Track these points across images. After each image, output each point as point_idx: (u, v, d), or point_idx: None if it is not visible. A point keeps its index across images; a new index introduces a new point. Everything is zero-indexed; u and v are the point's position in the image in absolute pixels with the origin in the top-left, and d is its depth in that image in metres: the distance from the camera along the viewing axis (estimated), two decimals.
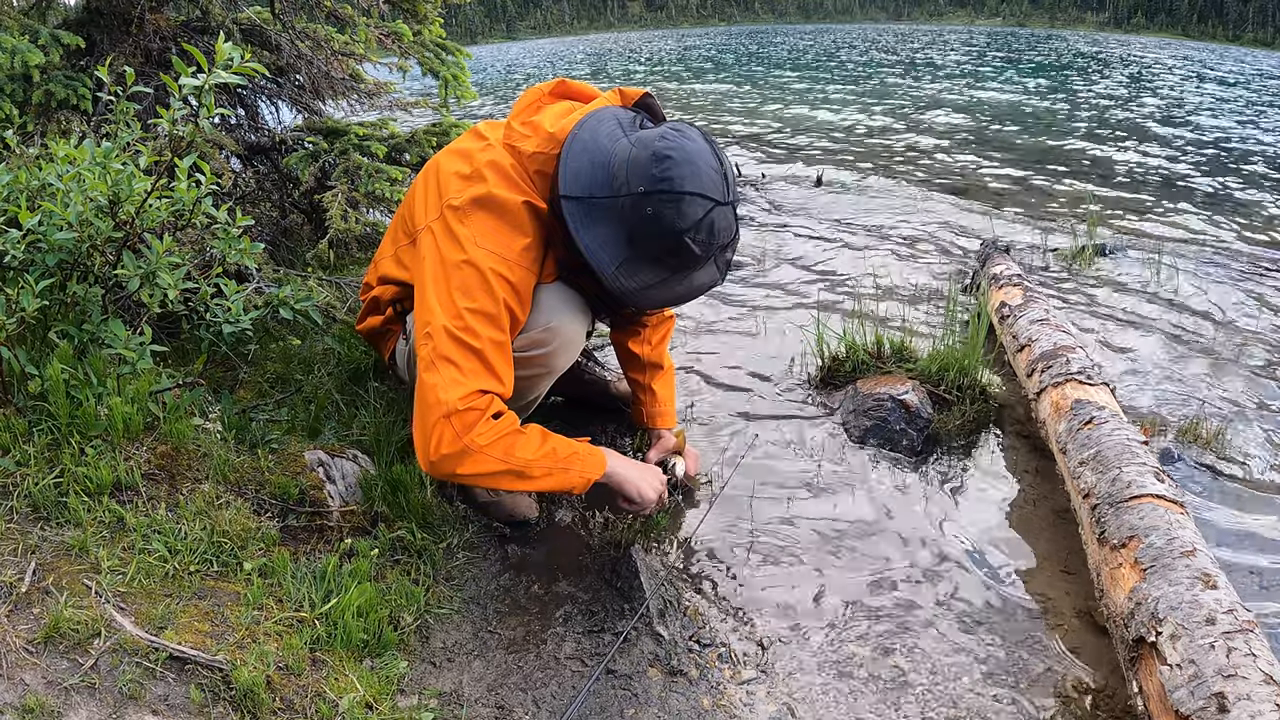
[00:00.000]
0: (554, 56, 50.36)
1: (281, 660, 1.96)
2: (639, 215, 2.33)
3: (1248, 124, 14.80)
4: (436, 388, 2.32)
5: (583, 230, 2.36)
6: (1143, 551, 2.29)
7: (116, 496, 2.22)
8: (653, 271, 2.43)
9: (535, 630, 2.46)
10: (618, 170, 2.37)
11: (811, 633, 2.53)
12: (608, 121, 2.48)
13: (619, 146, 2.42)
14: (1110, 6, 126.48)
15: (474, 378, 2.33)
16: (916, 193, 8.67)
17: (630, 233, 2.37)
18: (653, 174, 2.31)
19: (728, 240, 2.45)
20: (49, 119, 3.78)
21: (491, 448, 2.35)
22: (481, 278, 2.35)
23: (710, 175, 2.34)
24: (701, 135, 2.42)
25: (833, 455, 3.48)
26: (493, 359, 2.37)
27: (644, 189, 2.31)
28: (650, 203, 2.31)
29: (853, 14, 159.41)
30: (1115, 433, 2.87)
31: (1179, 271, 5.99)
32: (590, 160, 2.39)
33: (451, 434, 2.31)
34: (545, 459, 2.45)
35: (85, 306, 2.50)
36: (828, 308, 5.04)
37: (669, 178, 2.29)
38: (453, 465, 2.35)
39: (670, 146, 2.33)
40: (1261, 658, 1.86)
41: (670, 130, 2.40)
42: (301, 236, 4.65)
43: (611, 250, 2.38)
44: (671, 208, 2.30)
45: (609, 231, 2.37)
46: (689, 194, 2.30)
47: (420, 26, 4.76)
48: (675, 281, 2.47)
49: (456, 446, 2.31)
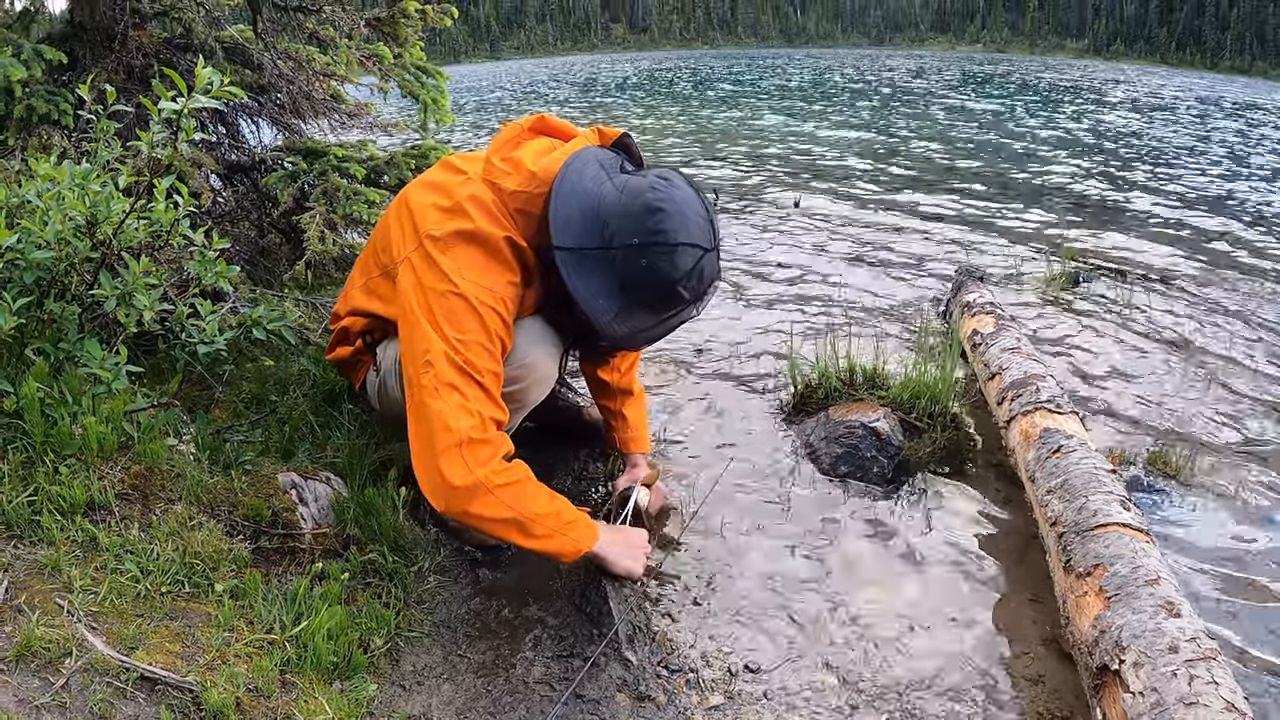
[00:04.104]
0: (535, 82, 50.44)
1: (251, 682, 1.97)
2: (633, 266, 2.37)
3: (1224, 155, 14.96)
4: (444, 414, 2.27)
5: (577, 280, 2.38)
6: (1107, 580, 2.31)
7: (90, 516, 2.22)
8: (645, 317, 2.47)
9: (505, 654, 2.46)
10: (608, 218, 2.39)
11: (779, 660, 2.54)
12: (591, 164, 2.50)
13: (605, 191, 2.45)
14: (1090, 34, 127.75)
15: (481, 405, 2.32)
16: (891, 219, 8.74)
17: (623, 282, 2.40)
18: (646, 227, 2.34)
19: (713, 284, 2.51)
20: (30, 134, 3.78)
21: (504, 490, 2.32)
22: (471, 309, 2.35)
23: (699, 224, 2.39)
24: (686, 181, 2.47)
25: (803, 482, 3.50)
26: (493, 389, 2.36)
27: (638, 241, 2.35)
28: (645, 255, 2.35)
29: (834, 39, 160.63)
30: (1082, 461, 2.90)
31: (1151, 297, 6.07)
32: (579, 207, 2.41)
33: (464, 467, 2.27)
34: (550, 518, 2.41)
35: (62, 325, 2.50)
36: (801, 334, 5.07)
37: (663, 230, 2.33)
38: (464, 502, 2.29)
39: (661, 198, 2.37)
40: (1223, 685, 1.88)
41: (659, 180, 2.43)
42: (279, 257, 4.64)
43: (606, 300, 2.41)
44: (666, 260, 2.34)
45: (602, 282, 2.40)
46: (682, 245, 2.34)
47: (401, 49, 4.78)
48: (664, 324, 2.52)
49: (469, 480, 2.27)
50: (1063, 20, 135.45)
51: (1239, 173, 12.56)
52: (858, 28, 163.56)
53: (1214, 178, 12.07)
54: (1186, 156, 14.36)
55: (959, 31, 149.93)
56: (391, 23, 4.77)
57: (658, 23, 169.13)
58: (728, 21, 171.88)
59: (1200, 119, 22.80)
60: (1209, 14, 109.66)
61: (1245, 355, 5.09)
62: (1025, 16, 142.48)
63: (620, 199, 2.42)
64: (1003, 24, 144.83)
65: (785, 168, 12.49)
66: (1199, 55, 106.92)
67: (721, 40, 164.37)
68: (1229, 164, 13.48)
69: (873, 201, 9.76)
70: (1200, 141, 16.99)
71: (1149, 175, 12.14)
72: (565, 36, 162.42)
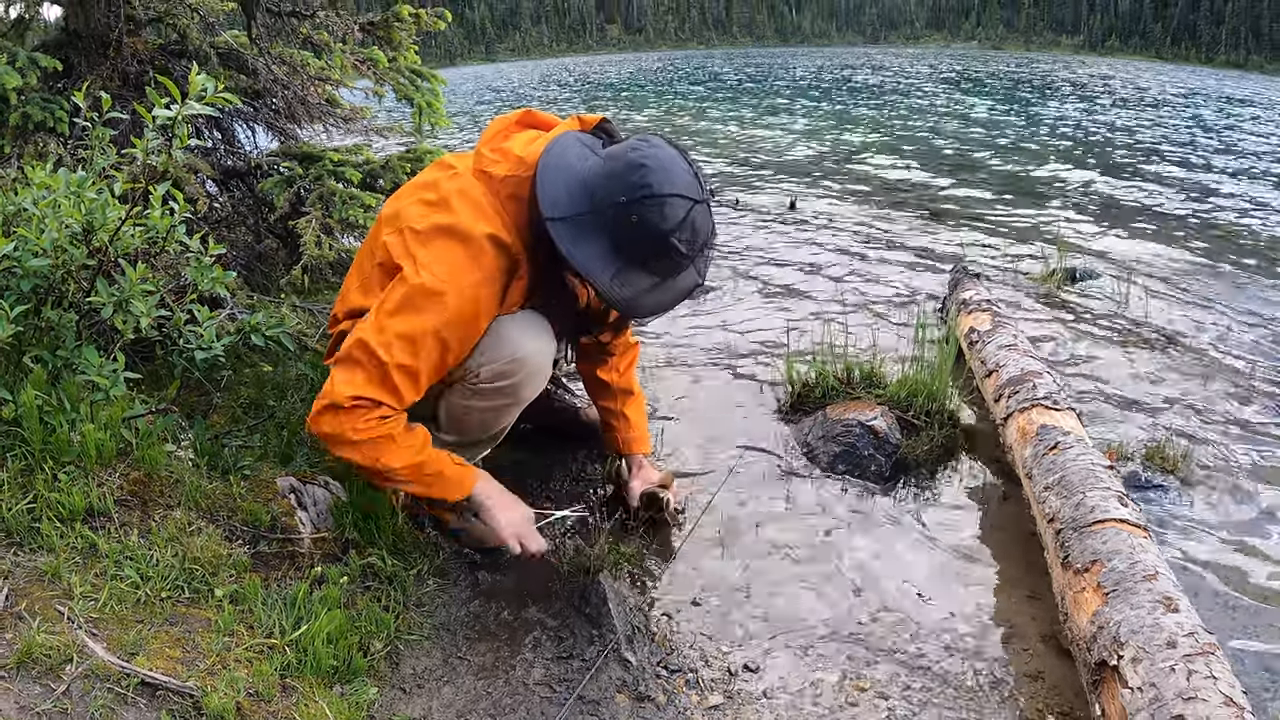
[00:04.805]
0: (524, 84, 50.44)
1: (252, 687, 1.97)
2: (624, 224, 2.37)
3: (1220, 149, 14.96)
4: (334, 380, 2.46)
5: (573, 248, 2.39)
6: (1105, 576, 2.32)
7: (89, 522, 2.22)
8: (644, 277, 2.46)
9: (505, 656, 2.47)
10: (594, 186, 2.41)
11: (778, 660, 2.55)
12: (573, 145, 2.53)
13: (589, 164, 2.47)
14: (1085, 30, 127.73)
15: (370, 389, 2.43)
16: (888, 217, 8.75)
17: (617, 242, 2.40)
18: (632, 182, 2.35)
19: (708, 237, 2.50)
20: (26, 141, 3.77)
21: (363, 445, 2.47)
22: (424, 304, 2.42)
23: (685, 177, 2.40)
24: (667, 141, 2.48)
25: (800, 481, 3.51)
26: (398, 380, 2.45)
27: (625, 198, 2.35)
28: (634, 210, 2.35)
29: (830, 38, 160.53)
30: (1080, 458, 2.91)
31: (1148, 294, 6.08)
32: (565, 181, 2.43)
33: (332, 420, 2.45)
34: (409, 471, 2.55)
35: (59, 332, 2.50)
36: (797, 333, 5.07)
37: (648, 183, 2.34)
38: (327, 444, 2.53)
39: (643, 155, 2.39)
40: (1222, 680, 1.88)
41: (639, 141, 2.47)
42: (276, 262, 4.64)
43: (604, 263, 2.41)
44: (655, 211, 2.34)
45: (598, 246, 2.41)
46: (669, 196, 2.35)
47: (395, 53, 4.77)
48: (664, 286, 2.51)
49: (333, 430, 2.46)
50: (1058, 16, 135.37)
51: (1236, 168, 12.56)
52: (853, 26, 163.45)
53: (1211, 173, 12.07)
54: (1184, 152, 14.36)
55: (954, 29, 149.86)
56: (385, 27, 4.77)
57: (653, 23, 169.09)
58: (722, 21, 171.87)
59: (1197, 114, 22.79)
60: (1204, 9, 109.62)
61: (1241, 350, 5.09)
62: (1020, 13, 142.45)
63: (604, 165, 2.45)
64: (998, 21, 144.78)
65: (784, 166, 12.50)
66: (1194, 50, 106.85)
67: (717, 40, 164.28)
68: (1226, 160, 13.49)
69: (868, 199, 9.77)
70: (1199, 137, 16.99)
71: (1146, 171, 12.15)
72: (560, 38, 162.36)
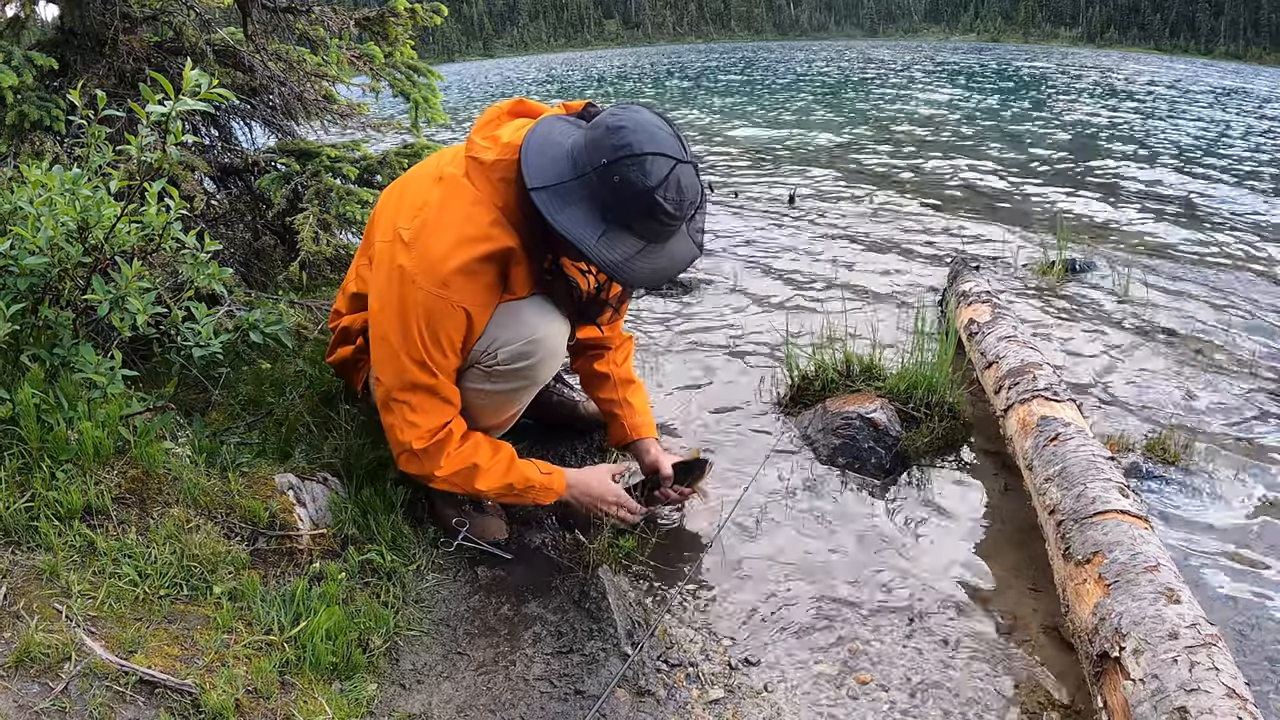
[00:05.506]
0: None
1: (251, 683, 1.97)
2: (607, 185, 2.36)
3: (1216, 139, 14.95)
4: (393, 429, 2.63)
5: (557, 214, 2.38)
6: (1106, 567, 2.31)
7: (87, 520, 2.22)
8: (632, 240, 2.43)
9: (504, 652, 2.47)
10: (577, 155, 2.41)
11: (779, 653, 2.54)
12: (557, 124, 2.54)
13: (573, 138, 2.48)
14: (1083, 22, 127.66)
15: (419, 417, 2.59)
16: (887, 210, 8.75)
17: (603, 205, 2.39)
18: (611, 144, 2.35)
19: (695, 198, 2.47)
20: (22, 140, 3.77)
21: (453, 479, 2.67)
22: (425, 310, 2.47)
23: (666, 137, 2.38)
24: (646, 108, 2.48)
25: (800, 474, 3.50)
26: (444, 391, 2.59)
27: (606, 160, 2.35)
28: (615, 170, 2.34)
29: (829, 31, 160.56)
30: (1080, 449, 2.90)
31: (1148, 286, 6.07)
32: (550, 154, 2.44)
33: (416, 465, 2.65)
34: (501, 490, 2.76)
35: (56, 330, 2.50)
36: (797, 325, 5.07)
37: (627, 143, 2.34)
38: (424, 481, 2.71)
39: (621, 119, 2.39)
40: (1224, 671, 1.88)
41: (617, 108, 2.47)
42: (274, 258, 4.63)
43: (589, 226, 2.40)
44: (636, 169, 2.33)
45: (582, 209, 2.40)
46: (650, 154, 2.34)
47: (391, 48, 4.77)
48: (655, 251, 2.48)
49: (419, 472, 2.67)
50: (1056, 8, 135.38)
51: (1236, 160, 12.57)
52: (851, 19, 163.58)
53: (1210, 165, 12.08)
54: (1185, 144, 14.37)
55: (952, 21, 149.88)
56: (381, 22, 4.77)
57: (650, 18, 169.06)
58: (720, 15, 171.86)
59: (1196, 106, 22.79)
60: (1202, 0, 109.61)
61: (1242, 340, 5.09)
62: (1019, 5, 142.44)
63: (585, 134, 2.46)
64: (996, 13, 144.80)
65: (783, 160, 12.49)
66: (1193, 41, 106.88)
67: (715, 34, 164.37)
68: (1226, 151, 13.49)
69: (867, 193, 9.75)
70: (1199, 129, 17.00)
71: (1145, 163, 12.15)
72: (559, 33, 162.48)
